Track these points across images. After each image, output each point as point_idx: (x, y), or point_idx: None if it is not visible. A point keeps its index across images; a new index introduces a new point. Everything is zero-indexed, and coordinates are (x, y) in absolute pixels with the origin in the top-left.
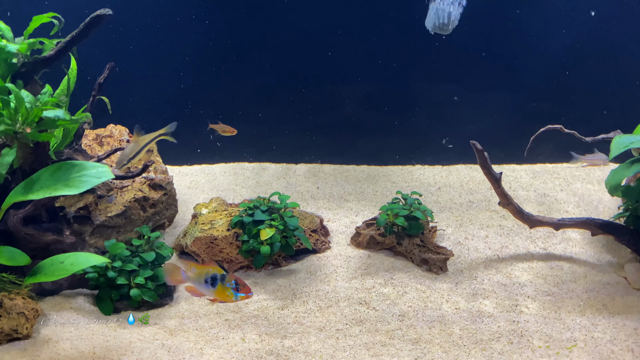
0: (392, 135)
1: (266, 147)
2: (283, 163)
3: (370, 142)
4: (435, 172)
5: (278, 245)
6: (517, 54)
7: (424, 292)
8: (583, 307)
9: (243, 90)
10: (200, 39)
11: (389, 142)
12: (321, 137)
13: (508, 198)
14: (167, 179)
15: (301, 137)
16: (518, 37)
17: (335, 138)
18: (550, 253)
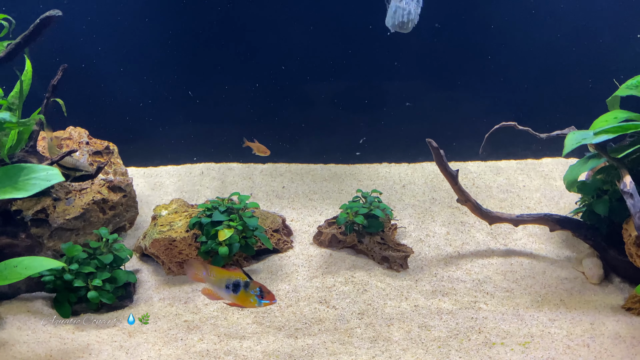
0: (360, 134)
1: (233, 147)
2: (250, 163)
3: (338, 141)
4: (402, 169)
5: (237, 245)
6: (485, 49)
7: (384, 289)
8: (541, 303)
9: (211, 89)
10: (167, 37)
11: (357, 140)
12: (289, 136)
13: (466, 195)
14: (127, 181)
15: (269, 137)
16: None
17: (304, 137)
18: (511, 249)
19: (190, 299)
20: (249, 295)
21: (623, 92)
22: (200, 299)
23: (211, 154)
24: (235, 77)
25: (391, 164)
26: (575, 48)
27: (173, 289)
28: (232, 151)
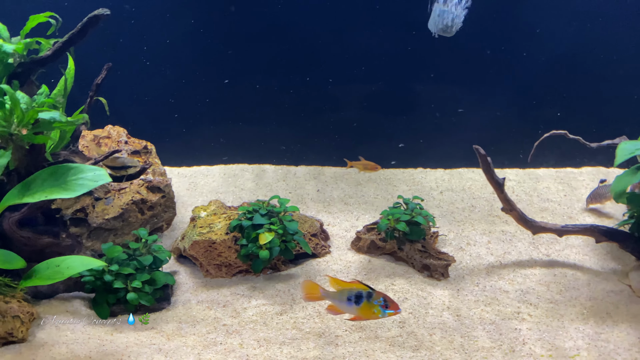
0: (394, 138)
1: (266, 149)
2: (283, 165)
3: (372, 145)
4: (437, 175)
5: (277, 249)
6: (524, 57)
7: (425, 298)
8: (586, 315)
9: (245, 91)
10: (202, 38)
11: (391, 144)
12: (322, 139)
13: (511, 204)
14: (166, 181)
15: (302, 139)
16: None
17: (337, 140)
18: (553, 260)
19: (229, 302)
20: (373, 306)
21: None
22: (238, 303)
23: (244, 154)
24: (270, 79)
25: (427, 169)
26: (626, 54)
27: (211, 291)
28: (266, 152)
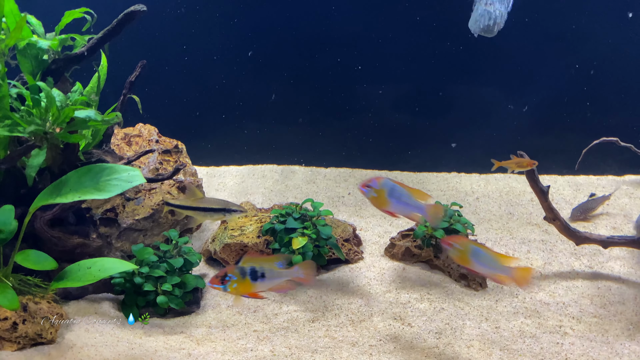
0: (427, 141)
1: (296, 149)
2: (312, 167)
3: (403, 147)
4: (473, 180)
5: (310, 254)
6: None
7: (462, 309)
8: (633, 331)
9: (273, 92)
10: (232, 39)
11: (424, 147)
12: (352, 141)
13: (555, 213)
14: (197, 182)
15: (332, 141)
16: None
17: (367, 142)
18: (597, 272)
19: (259, 307)
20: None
21: None
22: (269, 308)
23: (274, 155)
24: (301, 80)
25: (461, 173)
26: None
27: (241, 296)
28: (295, 153)
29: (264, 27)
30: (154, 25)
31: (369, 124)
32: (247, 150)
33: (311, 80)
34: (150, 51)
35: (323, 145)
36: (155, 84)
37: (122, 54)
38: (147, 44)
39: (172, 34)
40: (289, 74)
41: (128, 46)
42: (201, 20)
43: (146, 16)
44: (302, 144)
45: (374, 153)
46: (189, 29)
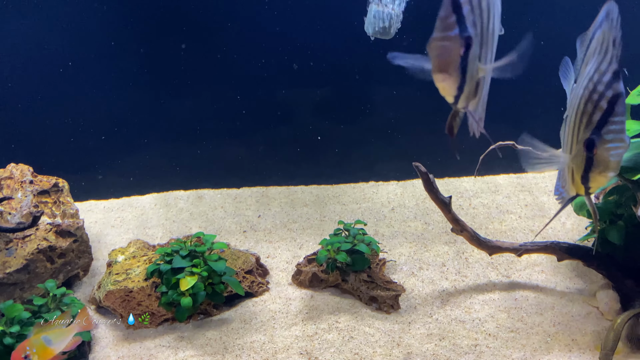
0: (344, 151)
1: (203, 171)
2: (223, 188)
3: (320, 160)
4: (390, 189)
5: (203, 294)
6: None
7: (373, 335)
8: (550, 344)
9: (175, 108)
10: (123, 51)
11: (341, 158)
12: (265, 157)
13: (461, 224)
14: (77, 224)
15: (243, 159)
16: None
17: (281, 157)
18: (514, 281)
19: (152, 356)
20: None
21: (634, 100)
22: (163, 356)
23: (180, 180)
24: (205, 96)
25: (379, 182)
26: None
27: (133, 345)
28: (204, 175)
29: (165, 33)
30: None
31: (283, 137)
32: (150, 178)
33: (217, 95)
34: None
35: (234, 164)
36: (33, 116)
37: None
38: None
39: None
40: (190, 90)
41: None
42: (84, 39)
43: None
44: (210, 164)
45: (289, 168)
46: (70, 49)
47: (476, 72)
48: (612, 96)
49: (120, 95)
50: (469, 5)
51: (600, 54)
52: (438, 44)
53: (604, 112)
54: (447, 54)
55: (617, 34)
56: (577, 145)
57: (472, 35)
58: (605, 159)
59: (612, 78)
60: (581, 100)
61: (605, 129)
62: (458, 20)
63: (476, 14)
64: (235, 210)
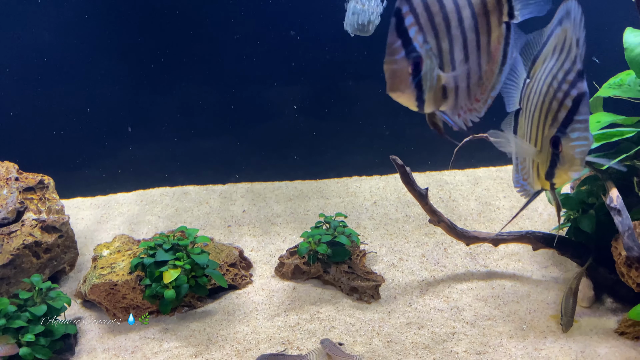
0: (329, 146)
1: (188, 168)
2: (208, 185)
3: (304, 155)
4: (373, 183)
5: (186, 287)
6: None
7: (353, 325)
8: (526, 330)
9: (160, 105)
10: (108, 49)
11: (325, 153)
12: (249, 153)
13: (438, 215)
14: (62, 220)
15: (228, 155)
16: None
17: (266, 153)
18: (492, 271)
19: (137, 347)
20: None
21: (605, 92)
22: (148, 347)
23: (166, 177)
24: (189, 92)
25: (362, 177)
26: None
27: (119, 337)
28: (189, 172)
29: (146, 27)
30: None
31: (269, 134)
32: (137, 175)
33: (202, 92)
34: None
35: (219, 160)
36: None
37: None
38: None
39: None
40: (176, 88)
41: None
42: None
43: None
44: (195, 161)
45: (274, 163)
46: (57, 44)
47: (437, 81)
48: (577, 95)
49: (106, 93)
50: (417, 26)
51: (562, 53)
52: (387, 67)
53: (569, 110)
54: (397, 75)
55: (580, 34)
56: (542, 141)
57: (421, 55)
58: (571, 156)
59: (577, 77)
60: (545, 98)
61: (570, 127)
62: (404, 44)
63: (427, 31)
64: (220, 206)
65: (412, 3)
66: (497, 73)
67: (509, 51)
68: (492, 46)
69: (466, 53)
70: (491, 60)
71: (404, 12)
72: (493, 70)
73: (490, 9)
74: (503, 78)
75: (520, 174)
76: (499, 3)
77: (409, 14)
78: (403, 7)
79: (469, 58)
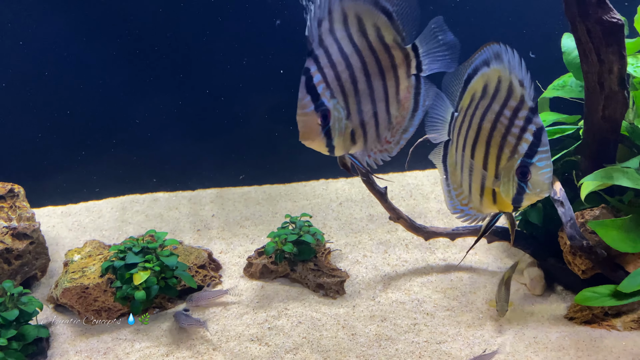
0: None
1: (158, 175)
2: (178, 191)
3: (272, 160)
4: (339, 185)
5: (156, 288)
6: None
7: (320, 320)
8: (483, 319)
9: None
10: (79, 58)
11: (293, 157)
12: (219, 159)
13: (397, 212)
14: (33, 226)
15: (197, 162)
16: None
17: (234, 159)
18: (450, 264)
19: (110, 349)
20: None
21: (550, 93)
22: (121, 348)
23: (136, 184)
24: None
25: (329, 180)
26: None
27: (91, 339)
28: (159, 179)
29: (108, 32)
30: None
31: (237, 140)
32: (107, 183)
33: (172, 100)
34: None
35: (188, 167)
36: None
37: None
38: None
39: None
40: (145, 97)
41: None
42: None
43: None
44: (165, 168)
45: (242, 169)
46: (22, 52)
47: (345, 129)
48: (537, 129)
49: (76, 103)
50: (324, 83)
51: (500, 92)
52: (299, 119)
53: (532, 143)
54: (308, 126)
55: (524, 76)
56: (501, 171)
57: (329, 108)
58: (541, 182)
59: (531, 113)
60: (495, 132)
61: (537, 158)
62: (313, 99)
63: (334, 87)
64: (190, 211)
65: (320, 63)
66: (408, 118)
67: (420, 99)
68: (402, 95)
69: (373, 103)
70: (401, 107)
71: (312, 71)
72: (404, 116)
73: (398, 63)
74: (416, 122)
75: (456, 200)
76: (407, 58)
77: (316, 72)
78: (311, 67)
79: (377, 107)
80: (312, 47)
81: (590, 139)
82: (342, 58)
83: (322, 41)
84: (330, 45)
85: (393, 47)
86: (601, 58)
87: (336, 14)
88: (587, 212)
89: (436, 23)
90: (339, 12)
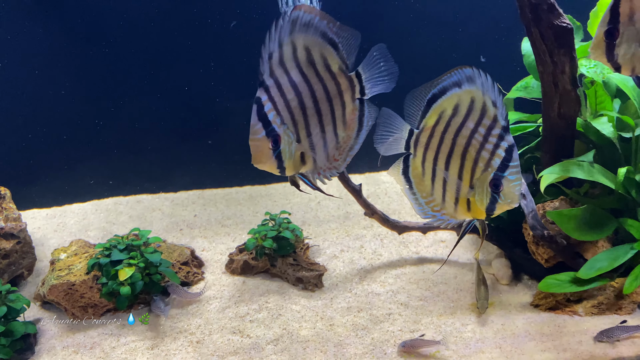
0: None
1: (142, 178)
2: (161, 193)
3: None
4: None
5: (141, 284)
6: None
7: (299, 312)
8: (454, 308)
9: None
10: (60, 62)
11: None
12: (200, 161)
13: (372, 207)
14: (20, 227)
15: (180, 164)
16: None
17: (215, 161)
18: (422, 256)
19: (96, 343)
20: None
21: (513, 94)
22: (107, 343)
23: (120, 187)
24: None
25: None
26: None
27: (77, 335)
28: (143, 182)
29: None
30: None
31: (218, 142)
32: (91, 186)
33: (152, 104)
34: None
35: (171, 169)
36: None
37: None
38: None
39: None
40: (127, 100)
41: None
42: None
43: None
44: (148, 170)
45: (223, 171)
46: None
47: (295, 151)
48: (508, 146)
49: (60, 107)
50: (274, 111)
51: (473, 112)
52: (251, 144)
53: (504, 158)
54: (259, 150)
55: (496, 98)
56: (476, 182)
57: (279, 133)
58: (511, 194)
59: (504, 132)
60: (469, 148)
61: (508, 172)
62: (264, 126)
63: (284, 114)
64: (173, 212)
65: (270, 93)
66: (354, 137)
67: (364, 120)
68: (348, 118)
69: (322, 126)
70: (348, 128)
71: (263, 100)
72: (350, 135)
73: (344, 89)
74: (361, 140)
75: (427, 207)
76: (352, 84)
77: (267, 101)
78: (262, 97)
79: (325, 130)
80: (262, 78)
81: (548, 135)
82: (291, 87)
83: (272, 72)
84: (280, 75)
85: (339, 75)
86: (554, 60)
87: (286, 46)
88: (547, 204)
89: (378, 50)
90: (289, 44)
